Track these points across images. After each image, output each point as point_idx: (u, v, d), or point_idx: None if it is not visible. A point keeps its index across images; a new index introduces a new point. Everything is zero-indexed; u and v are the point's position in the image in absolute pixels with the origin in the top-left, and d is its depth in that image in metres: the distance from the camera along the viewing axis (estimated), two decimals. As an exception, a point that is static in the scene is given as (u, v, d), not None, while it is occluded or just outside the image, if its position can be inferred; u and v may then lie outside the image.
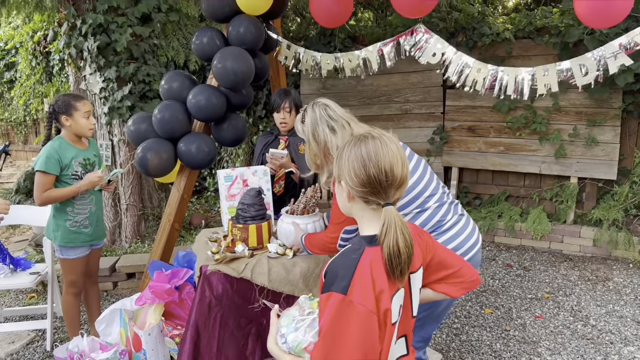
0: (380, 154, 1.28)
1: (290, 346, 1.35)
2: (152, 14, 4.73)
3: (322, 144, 2.06)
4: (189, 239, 4.92)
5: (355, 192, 1.31)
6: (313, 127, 2.10)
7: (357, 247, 1.29)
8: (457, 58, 2.60)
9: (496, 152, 5.60)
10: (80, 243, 3.00)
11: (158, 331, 2.57)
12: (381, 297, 1.21)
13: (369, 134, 1.33)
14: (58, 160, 2.87)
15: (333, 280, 1.23)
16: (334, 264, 1.28)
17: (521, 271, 4.56)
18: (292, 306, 1.46)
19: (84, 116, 2.94)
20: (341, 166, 1.34)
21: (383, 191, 1.28)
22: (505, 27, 5.50)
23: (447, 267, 1.51)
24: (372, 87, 6.11)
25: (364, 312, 1.17)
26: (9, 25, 9.07)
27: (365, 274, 1.21)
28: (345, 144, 1.36)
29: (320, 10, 3.17)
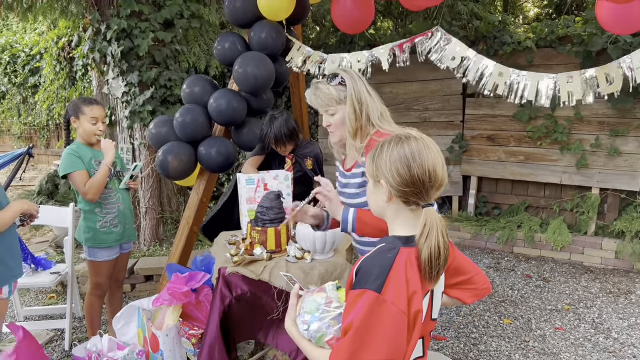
0: (424, 154, 1.29)
1: (312, 335, 1.34)
2: (175, 20, 4.79)
3: (365, 106, 1.99)
4: (207, 243, 4.94)
5: (396, 192, 1.31)
6: (357, 89, 2.00)
7: (392, 247, 1.28)
8: (477, 61, 2.58)
9: (516, 162, 5.54)
10: (112, 243, 3.03)
11: (175, 332, 2.58)
12: (413, 298, 1.22)
13: (409, 135, 1.34)
14: (79, 157, 2.91)
15: (367, 277, 1.22)
16: (368, 262, 1.27)
17: (541, 282, 4.49)
18: (317, 291, 1.43)
19: (90, 121, 2.96)
20: (381, 165, 1.33)
21: (425, 192, 1.29)
22: (526, 35, 5.47)
23: (463, 273, 1.51)
24: (390, 94, 6.10)
25: (396, 311, 1.18)
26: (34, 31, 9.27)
27: (400, 274, 1.21)
28: (384, 142, 1.36)
29: (341, 16, 3.19)
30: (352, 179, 2.04)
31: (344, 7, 3.15)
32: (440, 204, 6.12)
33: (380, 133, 1.97)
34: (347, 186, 2.07)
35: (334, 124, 2.05)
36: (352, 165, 2.05)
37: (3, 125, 10.74)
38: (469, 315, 3.84)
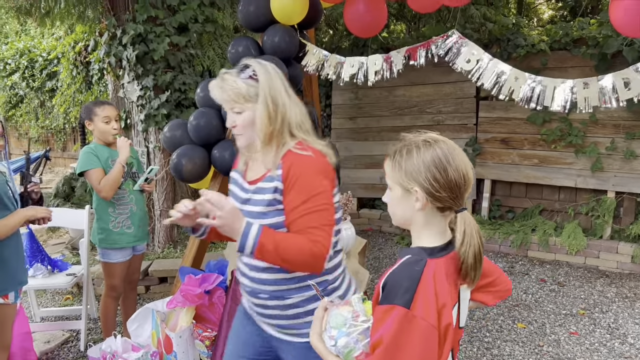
0: (456, 157, 1.24)
1: (340, 350, 1.30)
2: (189, 24, 4.84)
3: (282, 109, 1.64)
4: (221, 246, 4.97)
5: (432, 199, 1.24)
6: (273, 86, 1.65)
7: (419, 259, 1.23)
8: (492, 65, 2.57)
9: (530, 165, 5.51)
10: (125, 244, 3.07)
11: (189, 334, 2.60)
12: (443, 311, 1.18)
13: (435, 137, 1.28)
14: (96, 156, 2.97)
15: (395, 292, 1.18)
16: (395, 275, 1.22)
17: (555, 286, 4.46)
18: (342, 305, 1.39)
19: (103, 121, 3.02)
20: (412, 171, 1.25)
21: (460, 196, 1.25)
22: (540, 38, 5.43)
23: (487, 276, 1.45)
24: (404, 97, 6.10)
25: (426, 326, 1.14)
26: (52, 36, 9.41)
27: (429, 288, 1.17)
28: (409, 147, 1.28)
29: (354, 19, 3.20)
30: (258, 194, 1.66)
31: (356, 11, 3.16)
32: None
33: (306, 146, 1.64)
34: (250, 203, 1.68)
35: (240, 125, 1.68)
36: (258, 178, 1.69)
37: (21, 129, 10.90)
38: (482, 319, 3.82)
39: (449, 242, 1.29)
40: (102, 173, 2.98)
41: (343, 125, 6.45)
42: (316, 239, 1.53)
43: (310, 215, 1.56)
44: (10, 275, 2.32)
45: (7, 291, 2.30)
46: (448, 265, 1.25)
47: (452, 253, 1.27)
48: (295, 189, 1.58)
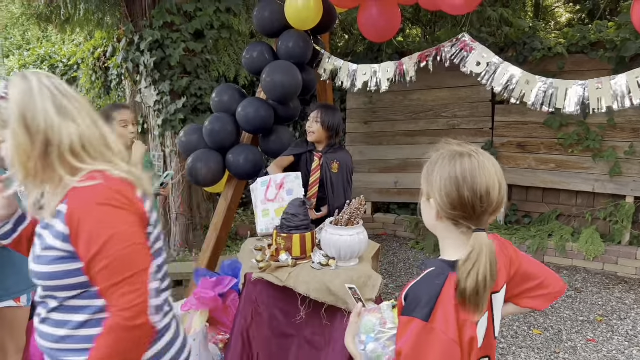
0: (477, 175, 1.20)
1: (369, 355, 1.36)
2: (205, 30, 4.90)
3: (45, 133, 1.26)
4: (235, 249, 5.00)
5: (444, 214, 1.24)
6: (26, 103, 1.27)
7: (441, 272, 1.22)
8: (503, 68, 2.56)
9: (547, 170, 5.45)
10: None
11: (203, 337, 2.62)
12: (465, 325, 1.17)
13: (465, 151, 1.25)
14: None
15: (415, 305, 1.18)
16: (416, 288, 1.23)
17: (572, 292, 4.40)
18: (373, 311, 1.45)
19: (121, 125, 3.05)
20: (432, 182, 1.26)
21: (476, 216, 1.21)
22: (557, 41, 5.39)
23: (531, 279, 1.42)
24: (419, 101, 6.09)
25: (446, 340, 1.13)
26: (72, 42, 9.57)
27: (449, 302, 1.16)
28: (439, 157, 1.27)
29: (368, 24, 3.21)
30: (46, 230, 1.32)
31: (371, 16, 3.17)
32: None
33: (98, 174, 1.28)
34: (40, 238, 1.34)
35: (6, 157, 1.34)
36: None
37: (41, 133, 11.09)
38: (497, 325, 3.79)
39: None
40: None
41: (357, 130, 6.45)
42: (122, 305, 1.23)
43: (109, 268, 1.23)
44: (22, 279, 2.34)
45: (20, 294, 2.34)
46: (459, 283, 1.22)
47: None
48: (82, 238, 1.23)
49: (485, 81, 2.64)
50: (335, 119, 3.16)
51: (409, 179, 6.13)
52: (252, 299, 2.46)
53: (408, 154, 6.17)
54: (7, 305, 2.30)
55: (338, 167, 3.16)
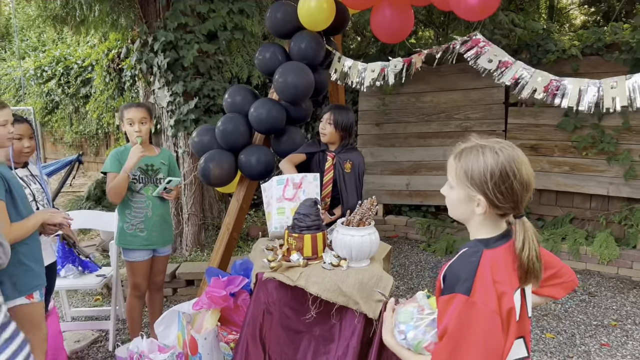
0: (522, 166, 1.28)
1: (410, 343, 1.40)
2: (218, 31, 4.92)
3: None
4: (246, 250, 5.02)
5: (495, 209, 1.30)
6: None
7: (476, 250, 1.30)
8: (515, 65, 2.54)
9: (560, 172, 5.41)
10: (137, 246, 3.13)
11: (214, 336, 2.63)
12: (503, 297, 1.24)
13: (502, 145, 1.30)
14: (119, 160, 3.06)
15: (455, 282, 1.25)
16: (453, 267, 1.30)
17: (586, 296, 4.35)
18: (408, 302, 1.50)
19: (127, 123, 3.10)
20: (478, 180, 1.29)
21: (521, 204, 1.29)
22: (572, 43, 5.34)
23: (549, 268, 1.48)
24: (431, 103, 6.07)
25: (487, 312, 1.20)
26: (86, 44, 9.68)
27: (487, 276, 1.24)
28: (475, 153, 1.30)
29: (380, 26, 3.21)
30: None
31: (383, 17, 3.17)
32: (482, 214, 6.02)
33: None
34: None
35: None
36: None
37: (57, 134, 11.20)
38: (509, 328, 3.76)
39: (504, 232, 1.34)
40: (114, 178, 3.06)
41: (369, 131, 6.45)
42: None
43: None
44: (32, 276, 2.37)
45: (32, 290, 2.37)
46: (506, 254, 1.31)
47: (509, 242, 1.32)
48: None
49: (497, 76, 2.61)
50: (347, 119, 3.16)
51: (421, 180, 6.11)
52: (263, 299, 2.46)
53: (420, 156, 6.15)
54: (20, 303, 2.32)
55: (351, 166, 3.15)
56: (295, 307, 2.44)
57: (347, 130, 3.17)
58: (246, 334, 2.45)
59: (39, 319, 2.43)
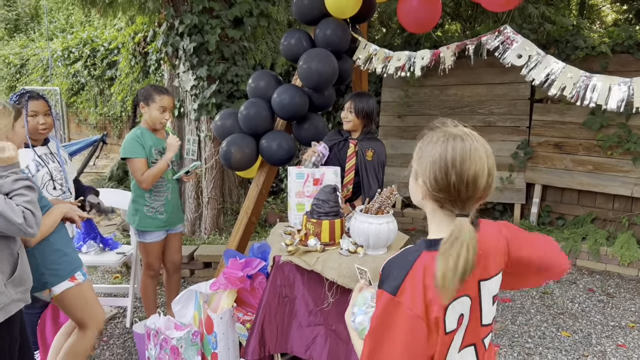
0: (467, 161, 1.17)
1: (356, 326, 1.40)
2: (244, 17, 4.94)
3: None
4: (264, 235, 5.05)
5: (430, 195, 1.23)
6: None
7: (416, 250, 1.24)
8: (545, 60, 2.50)
9: (584, 171, 5.33)
10: (155, 228, 3.18)
11: (229, 316, 2.66)
12: (431, 305, 1.16)
13: (458, 134, 1.22)
14: (142, 145, 3.07)
15: (386, 278, 1.21)
16: (390, 262, 1.25)
17: (604, 297, 4.30)
18: (372, 287, 1.49)
19: (159, 109, 3.11)
20: (421, 162, 1.24)
21: (460, 201, 1.20)
22: (601, 40, 5.24)
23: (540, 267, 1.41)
24: (455, 97, 6.01)
25: (411, 316, 1.15)
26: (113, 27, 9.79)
27: (417, 279, 1.17)
28: (432, 135, 1.25)
29: (407, 14, 3.19)
30: None
31: (411, 6, 3.15)
32: (502, 211, 5.97)
33: None
34: None
35: None
36: None
37: (81, 115, 11.37)
38: (524, 325, 3.74)
39: None
40: (145, 164, 3.07)
41: (391, 123, 6.42)
42: None
43: None
44: (69, 260, 2.42)
45: (73, 273, 2.42)
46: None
47: None
48: None
49: (526, 72, 2.57)
50: (368, 105, 3.16)
51: (441, 174, 6.07)
52: (279, 282, 2.48)
53: (441, 150, 6.10)
54: (66, 287, 2.37)
55: (372, 154, 3.15)
56: (312, 293, 2.45)
57: (368, 117, 3.17)
58: (262, 316, 2.48)
59: (90, 298, 2.48)
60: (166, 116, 3.14)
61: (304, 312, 2.47)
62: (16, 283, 2.04)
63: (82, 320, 2.46)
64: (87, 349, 2.51)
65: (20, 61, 12.85)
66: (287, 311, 2.48)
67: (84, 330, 2.48)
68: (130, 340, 3.44)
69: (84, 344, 2.49)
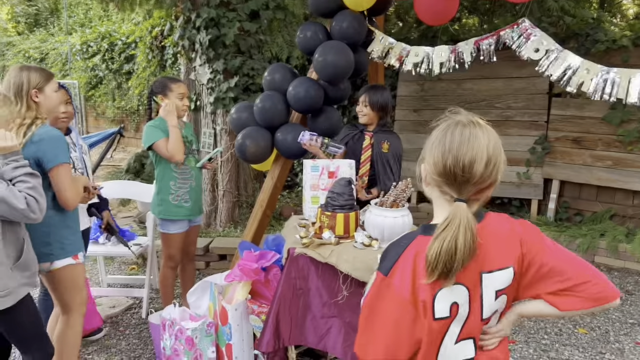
0: (464, 146, 1.19)
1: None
2: (260, 10, 4.94)
3: None
4: (279, 229, 5.06)
5: (430, 179, 1.28)
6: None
7: (413, 234, 1.27)
8: (562, 55, 2.47)
9: (603, 167, 5.25)
10: (182, 217, 3.20)
11: (244, 308, 2.68)
12: (420, 288, 1.18)
13: (461, 121, 1.24)
14: (160, 129, 3.09)
15: (383, 259, 1.26)
16: (390, 245, 1.30)
17: (623, 294, 4.24)
18: None
19: (178, 97, 3.14)
20: (426, 147, 1.29)
21: (457, 185, 1.21)
22: (623, 33, 5.15)
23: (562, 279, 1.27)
24: (472, 91, 5.96)
25: (398, 297, 1.20)
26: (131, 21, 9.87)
27: (408, 262, 1.20)
28: (441, 122, 1.29)
29: (424, 6, 3.16)
30: None
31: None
32: (519, 206, 5.91)
33: None
34: None
35: None
36: None
37: (99, 109, 11.49)
38: (541, 321, 3.70)
39: None
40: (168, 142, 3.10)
41: (407, 117, 6.38)
42: None
43: None
44: (77, 239, 2.48)
45: (78, 251, 2.46)
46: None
47: None
48: None
49: (544, 68, 2.54)
50: (383, 98, 3.15)
51: (457, 169, 6.02)
52: (294, 274, 2.48)
53: (457, 144, 6.05)
54: (67, 264, 2.41)
55: (388, 147, 3.14)
56: (326, 286, 2.45)
57: (383, 110, 3.16)
58: (276, 308, 2.48)
59: (81, 281, 2.52)
60: (186, 102, 3.19)
61: (318, 304, 2.47)
62: (22, 267, 2.09)
63: (68, 301, 2.47)
64: (77, 335, 2.53)
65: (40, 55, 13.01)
66: (301, 303, 2.48)
67: (67, 315, 2.49)
68: (145, 330, 3.47)
69: (74, 331, 2.51)
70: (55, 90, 2.42)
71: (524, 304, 1.36)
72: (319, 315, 2.47)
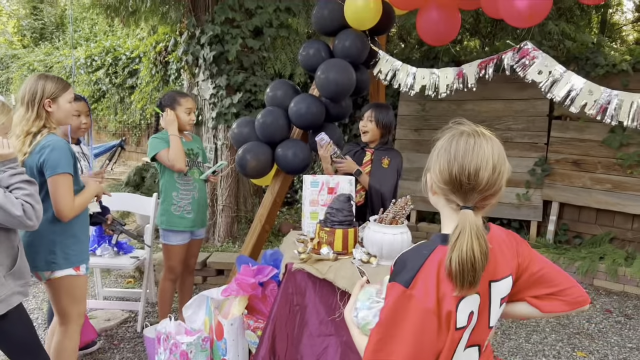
0: (470, 154, 1.21)
1: (359, 322, 1.39)
2: (264, 28, 4.99)
3: None
4: (277, 244, 5.05)
5: (436, 188, 1.29)
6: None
7: (431, 244, 1.25)
8: (566, 77, 2.49)
9: (602, 190, 5.25)
10: (183, 228, 3.20)
11: (240, 323, 2.66)
12: (444, 299, 1.17)
13: (465, 131, 1.26)
14: (164, 140, 3.13)
15: (400, 270, 1.22)
16: (405, 255, 1.26)
17: (622, 318, 4.21)
18: (375, 284, 1.48)
19: (185, 112, 3.19)
20: (431, 157, 1.31)
21: (463, 193, 1.23)
22: (622, 58, 5.19)
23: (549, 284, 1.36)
24: (472, 112, 5.99)
25: (422, 309, 1.16)
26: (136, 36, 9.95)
27: (431, 272, 1.18)
28: (446, 133, 1.31)
29: (426, 27, 3.20)
30: None
31: (430, 18, 3.16)
32: (518, 227, 5.89)
33: None
34: None
35: None
36: None
37: (101, 122, 11.53)
38: (539, 343, 3.67)
39: None
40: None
41: (407, 137, 6.41)
42: None
43: None
44: (81, 249, 2.47)
45: (79, 263, 2.45)
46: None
47: None
48: None
49: (546, 89, 2.56)
50: (388, 117, 3.18)
51: (457, 189, 6.02)
52: (291, 290, 2.47)
53: (457, 165, 6.06)
54: (68, 274, 2.40)
55: (388, 162, 3.15)
56: (323, 303, 2.44)
57: (387, 128, 3.18)
58: (272, 324, 2.47)
59: (80, 292, 2.50)
60: (192, 117, 3.23)
61: (315, 322, 2.45)
62: (16, 276, 2.08)
63: (66, 311, 2.46)
64: (74, 347, 2.51)
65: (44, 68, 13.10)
66: (298, 320, 2.47)
67: (65, 326, 2.48)
68: (140, 344, 3.44)
69: (72, 343, 2.50)
70: (70, 102, 2.46)
71: (507, 306, 1.40)
72: (315, 333, 2.45)
